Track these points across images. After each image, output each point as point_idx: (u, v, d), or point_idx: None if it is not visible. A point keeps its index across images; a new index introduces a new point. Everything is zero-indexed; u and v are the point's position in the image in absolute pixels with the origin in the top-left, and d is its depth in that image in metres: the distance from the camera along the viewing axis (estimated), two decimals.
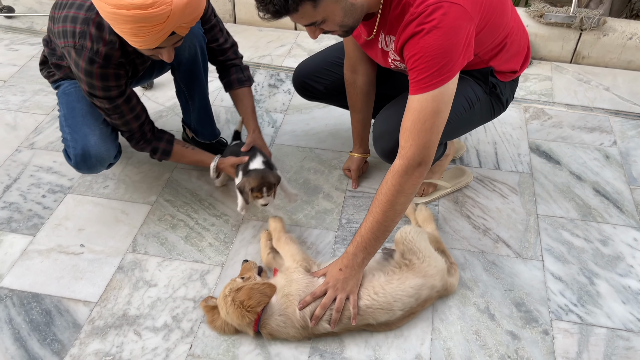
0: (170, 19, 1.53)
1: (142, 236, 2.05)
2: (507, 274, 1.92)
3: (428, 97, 1.50)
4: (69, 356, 1.66)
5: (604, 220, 2.13)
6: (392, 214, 1.59)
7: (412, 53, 1.50)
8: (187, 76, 2.13)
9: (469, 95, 1.84)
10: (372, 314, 1.67)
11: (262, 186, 1.90)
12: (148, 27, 1.53)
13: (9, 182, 2.27)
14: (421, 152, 1.54)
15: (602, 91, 2.91)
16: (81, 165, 1.97)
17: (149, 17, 1.50)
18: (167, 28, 1.55)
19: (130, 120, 1.92)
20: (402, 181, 1.55)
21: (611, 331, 1.75)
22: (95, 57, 1.71)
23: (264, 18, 1.48)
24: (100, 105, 1.85)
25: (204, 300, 1.79)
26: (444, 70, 1.48)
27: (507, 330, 1.75)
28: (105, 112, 1.89)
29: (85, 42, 1.70)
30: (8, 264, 1.93)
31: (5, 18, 3.49)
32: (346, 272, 1.66)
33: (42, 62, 2.11)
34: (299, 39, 3.35)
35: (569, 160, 2.43)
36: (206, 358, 1.66)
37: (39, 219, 2.11)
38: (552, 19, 3.04)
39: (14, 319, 1.76)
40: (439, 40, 1.45)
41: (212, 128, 2.34)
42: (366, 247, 1.64)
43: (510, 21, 1.74)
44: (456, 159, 2.41)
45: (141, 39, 1.57)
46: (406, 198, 1.58)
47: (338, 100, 2.23)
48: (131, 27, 1.53)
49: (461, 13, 1.45)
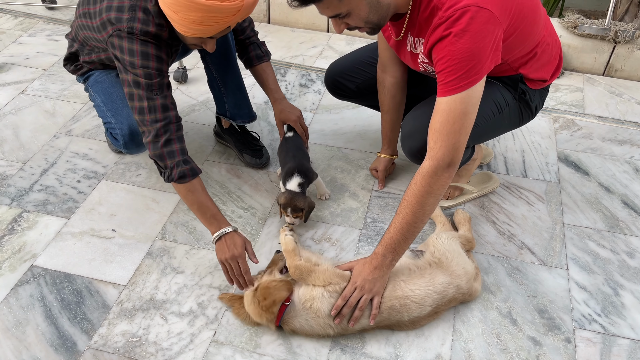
0: (240, 13, 1.59)
1: (171, 224, 2.10)
2: (530, 280, 1.92)
3: (456, 99, 1.52)
4: (97, 335, 1.71)
5: (631, 233, 2.12)
6: (421, 214, 1.60)
7: (440, 56, 1.53)
8: (219, 59, 2.16)
9: (498, 99, 1.86)
10: (407, 308, 1.69)
11: (287, 207, 1.97)
12: (218, 18, 1.59)
13: (46, 167, 2.35)
14: (450, 153, 1.55)
15: (634, 105, 2.88)
16: (130, 145, 2.04)
17: (223, 9, 1.56)
18: (232, 21, 1.62)
19: (170, 106, 1.78)
20: (431, 182, 1.57)
21: (634, 342, 1.74)
22: (147, 37, 1.73)
23: (291, 5, 1.51)
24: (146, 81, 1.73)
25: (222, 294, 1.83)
26: (471, 73, 1.50)
27: (529, 336, 1.75)
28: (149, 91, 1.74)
29: (135, 24, 1.71)
30: (43, 244, 2.00)
31: (47, 9, 3.61)
32: (375, 273, 1.67)
33: (67, 58, 2.15)
34: (331, 40, 3.39)
35: (598, 171, 2.41)
36: (229, 345, 1.70)
37: (74, 202, 2.18)
38: (586, 30, 3.03)
39: (46, 297, 1.82)
40: (466, 44, 1.47)
41: (249, 109, 2.34)
42: (395, 248, 1.65)
43: (541, 30, 1.75)
44: (484, 164, 2.42)
45: (204, 27, 1.62)
46: (435, 199, 1.60)
47: (369, 100, 2.26)
48: (201, 15, 1.57)
49: (489, 17, 1.47)
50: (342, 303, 1.66)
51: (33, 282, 1.87)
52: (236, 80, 2.26)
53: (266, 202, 2.21)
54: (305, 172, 2.03)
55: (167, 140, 1.75)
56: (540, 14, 1.73)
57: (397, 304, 1.68)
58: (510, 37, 1.61)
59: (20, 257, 1.95)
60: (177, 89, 2.88)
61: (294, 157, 2.08)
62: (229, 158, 2.43)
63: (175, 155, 1.76)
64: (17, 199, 2.18)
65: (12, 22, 3.46)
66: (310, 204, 1.99)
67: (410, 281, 1.71)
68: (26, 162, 2.37)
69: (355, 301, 1.67)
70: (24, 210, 2.13)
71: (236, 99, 2.29)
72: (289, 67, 3.10)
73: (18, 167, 2.34)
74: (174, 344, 1.70)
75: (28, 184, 2.25)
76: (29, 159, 2.39)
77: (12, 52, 3.16)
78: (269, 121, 2.67)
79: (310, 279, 1.69)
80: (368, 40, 3.32)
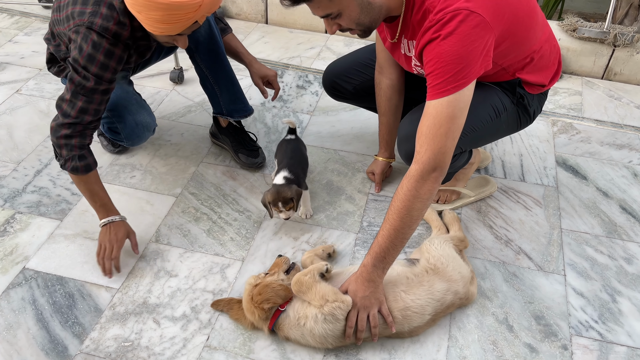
0: (201, 8, 1.59)
1: (165, 227, 2.08)
2: (527, 286, 1.90)
3: (443, 102, 1.50)
4: (89, 339, 1.69)
5: (629, 239, 2.10)
6: (408, 220, 1.56)
7: (428, 58, 1.52)
8: (208, 55, 2.15)
9: (496, 104, 1.84)
10: (408, 319, 1.66)
11: (277, 201, 1.94)
12: (179, 15, 1.58)
13: (40, 167, 2.33)
14: (436, 157, 1.52)
15: (633, 109, 2.87)
16: (132, 136, 2.05)
17: (183, 6, 1.56)
18: (195, 17, 1.61)
19: (91, 111, 1.78)
20: (417, 186, 1.53)
21: (631, 350, 1.72)
22: (105, 33, 1.70)
23: (283, 4, 1.50)
24: (80, 81, 1.73)
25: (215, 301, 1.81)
26: (459, 76, 1.48)
27: (525, 343, 1.73)
28: (76, 90, 1.74)
29: (96, 19, 1.69)
30: (35, 247, 1.98)
31: (43, 8, 3.59)
32: (369, 287, 1.62)
33: (49, 60, 2.11)
34: (329, 42, 3.37)
35: (596, 176, 2.40)
36: (222, 350, 1.68)
37: (67, 204, 2.16)
38: (585, 33, 3.01)
39: (37, 300, 1.80)
40: (454, 47, 1.46)
41: (244, 103, 2.33)
42: (385, 256, 1.61)
43: (539, 35, 1.73)
44: (481, 168, 2.40)
45: (167, 26, 1.62)
46: (422, 204, 1.56)
47: (366, 101, 2.24)
48: (162, 14, 1.57)
49: (479, 22, 1.46)
50: (351, 330, 1.63)
51: (25, 284, 1.84)
52: (228, 75, 2.24)
53: (261, 205, 2.19)
54: (294, 171, 2.01)
55: (67, 135, 1.77)
56: (537, 19, 1.71)
57: (400, 316, 1.66)
58: (504, 42, 1.59)
59: (12, 259, 1.93)
60: (173, 90, 2.86)
61: (290, 158, 2.07)
62: (225, 160, 2.41)
63: (73, 149, 1.78)
64: (10, 200, 2.16)
65: (8, 21, 3.43)
66: (298, 191, 1.96)
67: (410, 291, 1.68)
68: (20, 163, 2.34)
69: (364, 323, 1.63)
70: (16, 211, 2.11)
71: (230, 94, 2.28)
72: (286, 68, 3.08)
73: (11, 167, 2.32)
74: (166, 349, 1.68)
75: (21, 185, 2.23)
76: (23, 159, 2.37)
77: (8, 51, 3.13)
78: (265, 123, 2.65)
79: (307, 296, 1.63)
80: (366, 41, 3.30)
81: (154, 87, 2.87)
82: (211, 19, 2.10)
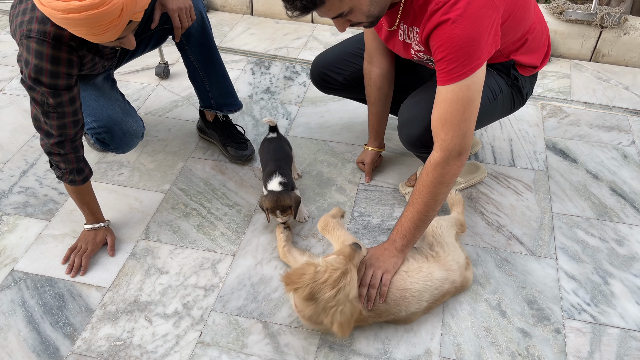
0: (125, 11, 1.47)
1: (155, 224, 2.06)
2: (519, 271, 1.90)
3: (462, 86, 1.51)
4: (80, 340, 1.68)
5: (620, 220, 2.10)
6: (433, 203, 1.63)
7: (439, 43, 1.50)
8: (200, 48, 2.11)
9: (493, 86, 1.84)
10: (405, 301, 1.67)
11: (275, 209, 1.92)
12: (104, 25, 1.46)
13: (26, 167, 2.30)
14: (462, 142, 1.56)
15: (622, 90, 2.87)
16: (122, 145, 2.01)
17: (102, 15, 1.43)
18: (123, 20, 1.49)
19: (69, 124, 1.71)
20: (443, 172, 1.58)
21: (624, 332, 1.73)
22: (44, 37, 1.58)
23: (292, 16, 1.47)
24: (41, 99, 1.64)
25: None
26: (472, 58, 1.48)
27: (519, 328, 1.73)
28: (44, 110, 1.67)
29: (32, 25, 1.58)
30: (23, 248, 1.95)
31: None
32: (385, 252, 1.70)
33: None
34: (316, 31, 3.34)
35: (586, 158, 2.40)
36: (215, 346, 1.67)
37: (55, 204, 2.13)
38: (572, 15, 3.00)
39: (27, 302, 1.78)
40: (465, 30, 1.45)
41: (234, 97, 2.31)
42: (406, 234, 1.69)
43: (532, 16, 1.73)
44: (471, 154, 2.39)
45: (100, 36, 1.50)
46: (447, 187, 1.62)
47: (357, 92, 2.21)
48: (87, 28, 1.46)
49: (486, 2, 1.45)
50: (364, 289, 1.66)
51: (14, 286, 1.82)
52: (219, 68, 2.21)
53: (251, 198, 2.17)
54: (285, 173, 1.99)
55: (60, 153, 1.75)
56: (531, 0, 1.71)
57: (398, 295, 1.66)
58: (505, 21, 1.59)
59: (0, 261, 1.90)
60: (159, 85, 2.82)
61: (277, 159, 2.04)
62: (213, 154, 2.39)
63: (70, 163, 1.78)
64: None
65: None
66: (297, 199, 1.95)
67: (411, 274, 1.70)
68: (5, 164, 2.31)
69: (368, 279, 1.66)
70: (3, 213, 2.09)
71: (221, 88, 2.25)
72: (273, 60, 3.06)
73: None
74: (159, 347, 1.67)
75: (7, 186, 2.20)
76: (8, 160, 2.33)
77: None
78: (253, 115, 2.63)
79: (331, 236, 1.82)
80: (354, 30, 3.27)
81: (139, 82, 2.84)
82: (203, 11, 2.04)
